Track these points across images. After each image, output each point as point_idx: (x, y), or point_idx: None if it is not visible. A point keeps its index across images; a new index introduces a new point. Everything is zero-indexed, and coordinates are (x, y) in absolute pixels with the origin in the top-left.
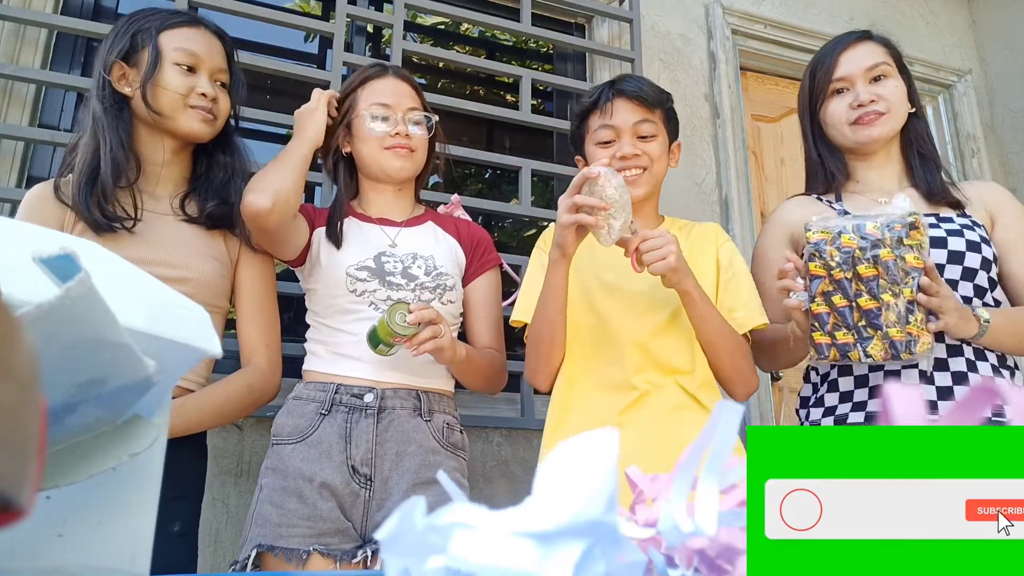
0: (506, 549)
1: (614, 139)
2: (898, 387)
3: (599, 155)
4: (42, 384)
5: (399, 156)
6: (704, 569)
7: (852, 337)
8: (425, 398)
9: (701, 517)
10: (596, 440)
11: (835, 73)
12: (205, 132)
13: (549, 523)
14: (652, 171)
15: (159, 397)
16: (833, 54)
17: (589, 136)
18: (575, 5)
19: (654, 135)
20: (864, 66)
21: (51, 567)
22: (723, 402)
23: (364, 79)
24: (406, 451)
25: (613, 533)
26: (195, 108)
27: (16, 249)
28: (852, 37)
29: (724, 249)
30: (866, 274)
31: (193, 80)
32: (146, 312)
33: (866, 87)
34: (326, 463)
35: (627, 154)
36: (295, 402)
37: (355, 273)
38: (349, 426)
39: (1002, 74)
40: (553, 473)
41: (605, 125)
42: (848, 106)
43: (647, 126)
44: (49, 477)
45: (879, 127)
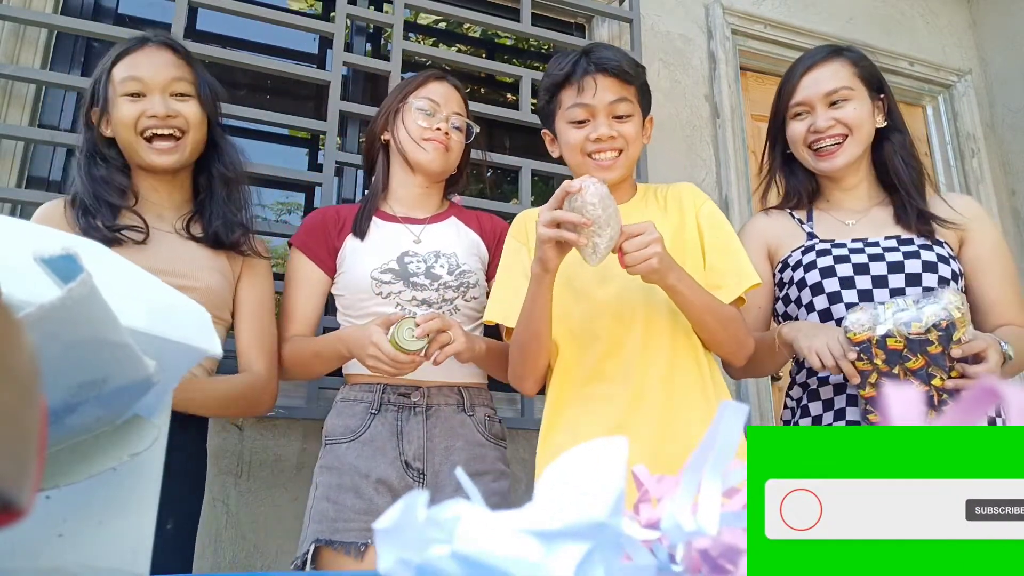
0: (510, 544)
1: (588, 119)
2: (897, 387)
3: (571, 136)
4: (42, 384)
5: (434, 148)
6: (706, 569)
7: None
8: (467, 393)
9: (703, 517)
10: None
11: (795, 97)
12: (168, 161)
13: (554, 523)
14: (628, 153)
15: (159, 397)
16: (796, 76)
17: (560, 113)
18: (575, 5)
19: (630, 115)
20: (823, 91)
21: (51, 567)
22: (727, 402)
23: (423, 80)
24: (454, 445)
25: (615, 537)
26: (148, 137)
27: (17, 249)
28: (819, 56)
29: (704, 211)
30: (915, 367)
31: (142, 105)
32: (146, 312)
33: (825, 112)
34: (380, 459)
35: (603, 136)
36: (343, 404)
37: (379, 276)
38: (400, 423)
39: (1002, 74)
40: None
41: (580, 104)
42: (807, 129)
43: (624, 105)
44: (49, 477)
45: (840, 156)
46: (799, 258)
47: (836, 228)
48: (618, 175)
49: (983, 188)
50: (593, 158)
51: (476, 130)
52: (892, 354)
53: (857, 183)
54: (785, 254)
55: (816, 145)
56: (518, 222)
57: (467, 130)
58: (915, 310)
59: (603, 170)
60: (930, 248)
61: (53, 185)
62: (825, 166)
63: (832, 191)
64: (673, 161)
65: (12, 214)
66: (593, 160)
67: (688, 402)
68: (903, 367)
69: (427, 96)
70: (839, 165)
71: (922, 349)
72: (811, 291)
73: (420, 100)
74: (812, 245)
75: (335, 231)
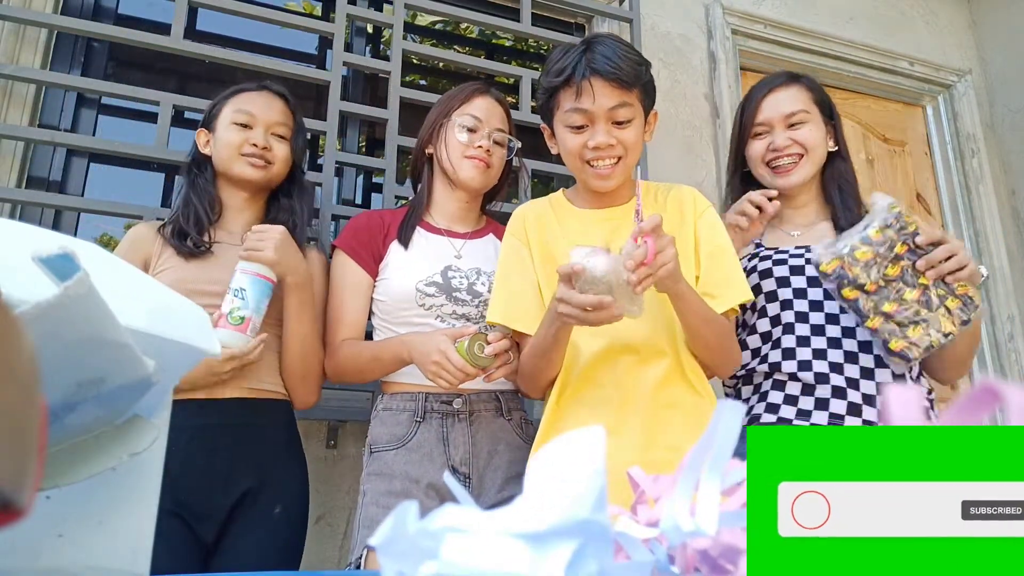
0: (498, 551)
1: (587, 124)
2: (897, 388)
3: (569, 141)
4: (42, 384)
5: (475, 166)
6: (706, 569)
7: (920, 329)
8: (503, 399)
9: (702, 517)
10: (583, 439)
11: (757, 117)
12: (256, 176)
13: (540, 523)
14: (626, 161)
15: (159, 397)
16: (756, 98)
17: (559, 115)
18: (575, 5)
19: (630, 119)
20: (783, 112)
21: (51, 567)
22: (724, 401)
23: (468, 95)
24: (496, 449)
25: (604, 532)
26: (245, 157)
27: (16, 249)
28: (778, 81)
29: (704, 220)
30: (896, 273)
31: (247, 134)
32: (146, 312)
33: (784, 132)
34: (428, 465)
35: (601, 144)
36: (386, 412)
37: (424, 288)
38: (445, 430)
39: (1002, 74)
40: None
41: (577, 108)
42: (766, 148)
43: (624, 111)
44: (49, 477)
45: (795, 174)
46: (745, 264)
47: (781, 238)
48: (616, 183)
49: (983, 188)
50: (591, 166)
51: (517, 145)
52: (867, 266)
53: (807, 201)
54: None
55: (774, 163)
56: (516, 218)
57: (508, 145)
58: (863, 227)
59: (601, 178)
60: None
61: (53, 185)
62: (781, 183)
63: (783, 208)
64: (673, 161)
65: (12, 214)
66: (591, 168)
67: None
68: (884, 277)
69: (469, 112)
70: (794, 182)
71: (890, 251)
72: (753, 292)
73: (463, 116)
74: (757, 252)
75: (380, 236)
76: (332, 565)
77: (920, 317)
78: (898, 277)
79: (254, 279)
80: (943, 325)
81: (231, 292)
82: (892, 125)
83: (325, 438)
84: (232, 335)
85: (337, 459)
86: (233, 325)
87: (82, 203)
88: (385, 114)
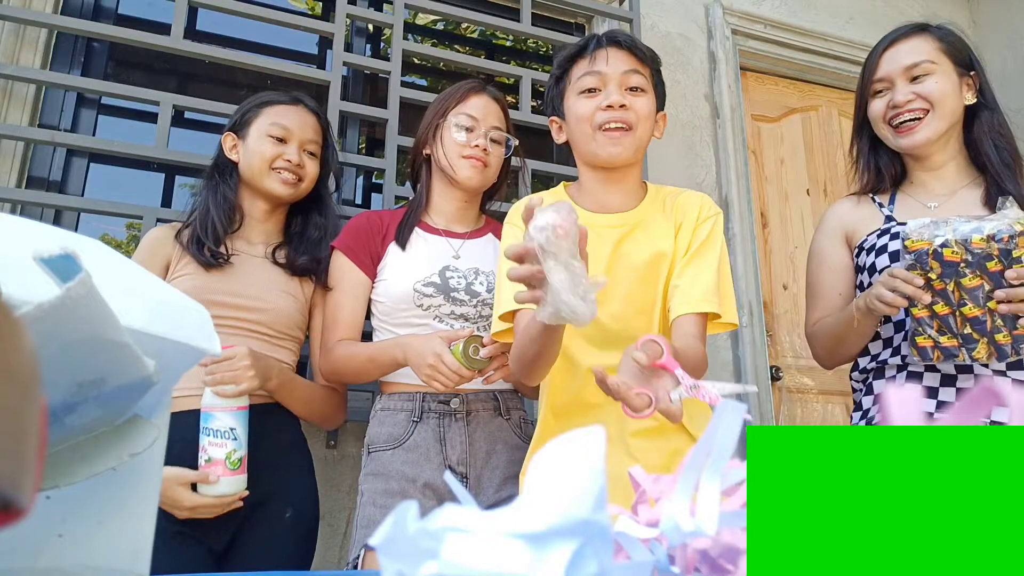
0: (497, 552)
1: (599, 88)
2: (896, 389)
3: (581, 107)
4: (42, 384)
5: (472, 166)
6: (706, 569)
7: (956, 341)
8: (502, 398)
9: (702, 517)
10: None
11: (876, 73)
12: (286, 192)
13: (540, 524)
14: (636, 134)
15: (159, 397)
16: (876, 53)
17: (571, 87)
18: (575, 5)
19: (644, 90)
20: (903, 65)
21: (51, 567)
22: (724, 401)
23: (463, 94)
24: (494, 449)
25: (604, 532)
26: (277, 171)
27: (16, 249)
28: (900, 32)
29: (704, 226)
30: (971, 285)
31: (281, 148)
32: (146, 312)
33: (905, 86)
34: (425, 465)
35: (614, 103)
36: (384, 413)
37: (422, 288)
38: (442, 430)
39: (1002, 74)
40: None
41: (592, 72)
42: (886, 105)
43: (637, 78)
44: (49, 477)
45: (920, 132)
46: (874, 242)
47: (917, 211)
48: (625, 153)
49: None
50: (603, 131)
51: (515, 143)
52: (948, 266)
53: (944, 163)
54: (861, 238)
55: (895, 120)
56: (515, 209)
57: (506, 143)
58: (977, 223)
59: (612, 143)
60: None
61: (53, 185)
62: (905, 142)
63: (916, 172)
64: (673, 161)
65: (12, 214)
66: (602, 134)
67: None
68: (958, 283)
69: (465, 112)
70: (919, 141)
71: (981, 265)
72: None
73: (459, 116)
74: (887, 228)
75: (379, 237)
76: (333, 565)
77: (964, 333)
78: (971, 290)
79: (238, 414)
80: (979, 351)
81: (217, 435)
82: None
83: (325, 438)
84: (234, 482)
85: (337, 459)
86: (232, 470)
87: (82, 203)
88: (385, 114)
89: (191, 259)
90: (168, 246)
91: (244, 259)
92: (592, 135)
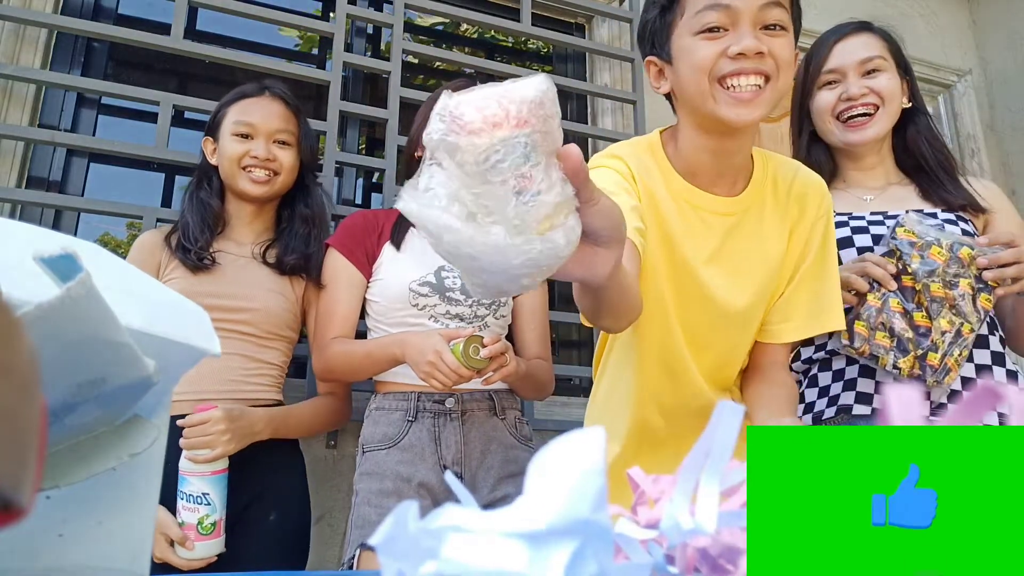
0: (497, 552)
1: (726, 28)
2: (897, 388)
3: (700, 51)
4: (42, 384)
5: None
6: (706, 569)
7: (890, 342)
8: (497, 398)
9: (702, 517)
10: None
11: (827, 64)
12: (259, 191)
13: (540, 523)
14: (776, 86)
15: (159, 397)
16: (828, 43)
17: (683, 21)
18: (575, 5)
19: (784, 28)
20: (858, 58)
21: (51, 567)
22: (724, 402)
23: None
24: (489, 449)
25: (604, 532)
26: (247, 169)
27: (16, 249)
28: (849, 27)
29: (828, 227)
30: (935, 294)
31: (247, 145)
32: (146, 312)
33: (858, 80)
34: (420, 465)
35: (748, 50)
36: (379, 412)
37: (417, 289)
38: (437, 430)
39: (1002, 74)
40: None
41: (716, 4)
42: (837, 98)
43: (777, 11)
44: (49, 477)
45: (871, 128)
46: None
47: (853, 203)
48: (760, 114)
49: None
50: (727, 86)
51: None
52: (927, 266)
53: (877, 163)
54: None
55: (847, 114)
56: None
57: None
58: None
59: (740, 103)
60: (955, 223)
61: (53, 185)
62: (855, 137)
63: (849, 171)
64: None
65: (12, 214)
66: (727, 91)
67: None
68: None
69: None
70: (869, 137)
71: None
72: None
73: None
74: None
75: (374, 236)
76: (333, 565)
77: (905, 336)
78: (933, 299)
79: (214, 479)
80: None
81: (190, 499)
82: None
83: (325, 438)
84: (208, 546)
85: (337, 459)
86: (205, 535)
87: (82, 203)
88: (385, 114)
89: (179, 263)
90: (158, 250)
91: (231, 260)
92: (711, 91)
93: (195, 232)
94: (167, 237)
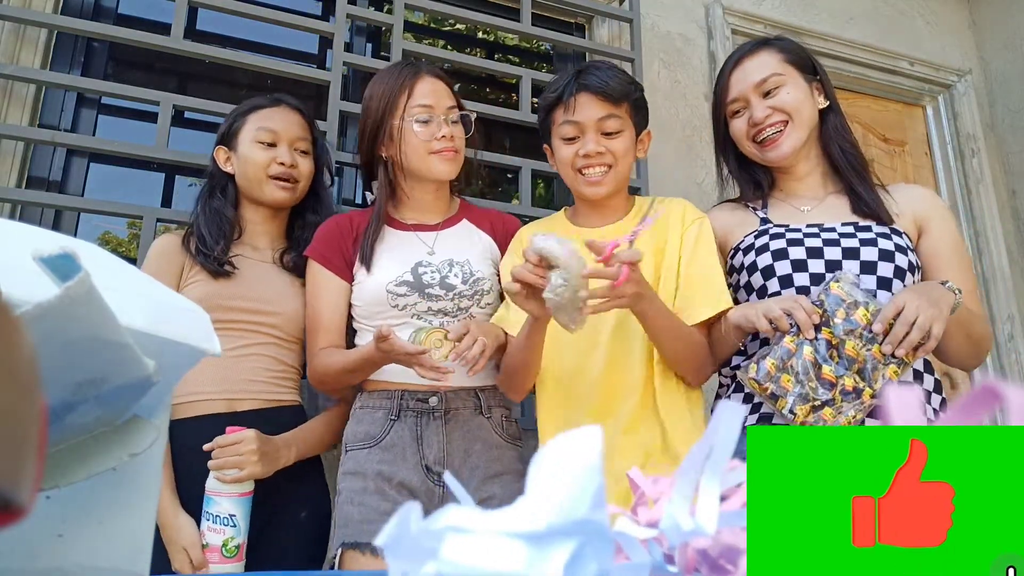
0: (497, 552)
1: (578, 135)
2: (897, 389)
3: (564, 151)
4: (42, 384)
5: (445, 160)
6: (706, 569)
7: (791, 386)
8: (483, 395)
9: (702, 517)
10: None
11: (728, 95)
12: (285, 199)
13: (539, 523)
14: (617, 169)
15: (159, 397)
16: (725, 73)
17: (555, 131)
18: (575, 5)
19: (619, 131)
20: (753, 81)
21: (51, 567)
22: (724, 402)
23: (401, 83)
24: (473, 448)
25: (603, 532)
26: (275, 178)
27: (16, 249)
28: (743, 50)
29: (690, 232)
30: (848, 353)
31: (273, 152)
32: (146, 312)
33: (760, 102)
34: (402, 464)
35: (591, 152)
36: (362, 411)
37: (395, 289)
38: (419, 429)
39: (1002, 74)
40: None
41: (569, 121)
42: (747, 123)
43: (612, 122)
44: (49, 477)
45: (785, 143)
46: (751, 242)
47: (790, 214)
48: (607, 190)
49: (983, 188)
50: (583, 174)
51: (473, 115)
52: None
53: (809, 171)
54: (737, 240)
55: (759, 137)
56: (516, 239)
57: (464, 121)
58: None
59: (593, 185)
60: (888, 237)
61: (53, 185)
62: (772, 155)
63: (786, 181)
64: (673, 161)
65: (12, 214)
66: (583, 176)
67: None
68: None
69: (419, 103)
70: (786, 151)
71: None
72: (762, 275)
73: (413, 110)
74: (765, 229)
75: (350, 239)
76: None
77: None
78: (845, 357)
79: (240, 500)
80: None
81: (216, 520)
82: (892, 125)
83: None
84: (228, 570)
85: (338, 459)
86: (228, 558)
87: (82, 203)
88: None
89: (199, 267)
90: (179, 254)
91: (251, 264)
92: (574, 177)
93: (211, 242)
94: (184, 240)
